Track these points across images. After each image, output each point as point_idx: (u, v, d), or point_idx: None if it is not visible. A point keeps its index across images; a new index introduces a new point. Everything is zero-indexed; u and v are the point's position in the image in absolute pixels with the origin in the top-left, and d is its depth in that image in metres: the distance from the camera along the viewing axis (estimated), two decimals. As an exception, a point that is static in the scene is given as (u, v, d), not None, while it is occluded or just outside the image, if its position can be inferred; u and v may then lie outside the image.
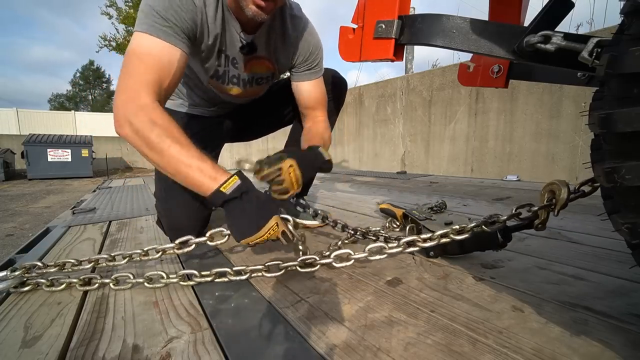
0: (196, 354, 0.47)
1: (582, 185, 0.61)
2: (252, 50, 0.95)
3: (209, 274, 0.70)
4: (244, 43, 0.92)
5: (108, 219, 1.43)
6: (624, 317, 0.51)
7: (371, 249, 0.70)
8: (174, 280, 0.69)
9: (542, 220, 0.63)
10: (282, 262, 0.71)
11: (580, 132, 2.60)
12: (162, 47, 0.74)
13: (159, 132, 0.69)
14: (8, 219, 3.75)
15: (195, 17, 0.80)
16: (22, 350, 0.49)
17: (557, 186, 0.60)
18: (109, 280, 0.69)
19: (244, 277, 0.70)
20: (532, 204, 0.65)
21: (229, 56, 0.96)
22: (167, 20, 0.75)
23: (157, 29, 0.74)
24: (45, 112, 13.92)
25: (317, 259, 0.72)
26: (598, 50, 0.46)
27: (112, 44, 11.31)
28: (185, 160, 0.70)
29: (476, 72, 1.09)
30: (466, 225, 0.67)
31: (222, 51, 0.94)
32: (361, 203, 1.64)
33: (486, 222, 0.66)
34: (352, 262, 0.71)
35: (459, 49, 0.63)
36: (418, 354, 0.45)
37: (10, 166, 8.41)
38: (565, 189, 0.59)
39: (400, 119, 4.17)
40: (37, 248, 1.05)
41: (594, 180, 0.59)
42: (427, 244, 0.69)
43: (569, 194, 0.59)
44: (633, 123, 0.34)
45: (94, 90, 33.69)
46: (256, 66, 1.02)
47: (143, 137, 0.69)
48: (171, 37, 0.75)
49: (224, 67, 0.98)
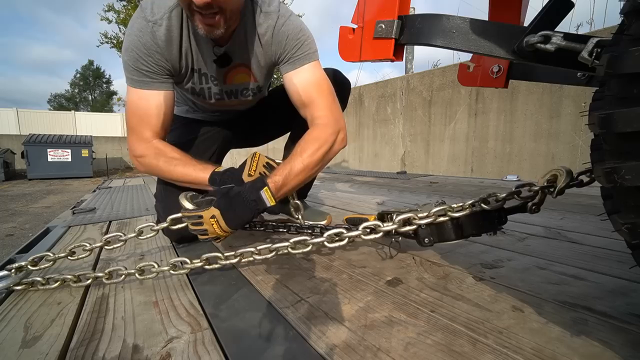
0: (196, 354, 0.47)
1: (580, 174, 0.61)
2: (226, 62, 0.93)
3: (200, 260, 0.72)
4: (216, 56, 0.91)
5: (108, 219, 1.43)
6: (624, 317, 0.51)
7: (366, 227, 0.69)
8: (165, 269, 0.71)
9: (538, 202, 0.64)
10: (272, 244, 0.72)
11: (580, 132, 2.60)
12: (146, 97, 0.87)
13: (165, 159, 0.88)
14: (8, 219, 3.75)
15: (163, 53, 0.85)
16: (22, 350, 0.49)
17: (559, 171, 0.61)
18: (102, 274, 0.70)
19: (234, 260, 0.72)
20: (532, 183, 0.66)
21: (206, 74, 0.95)
22: (140, 71, 0.84)
23: (137, 82, 0.85)
24: (45, 112, 13.92)
25: (309, 239, 0.71)
26: (598, 50, 0.46)
27: (113, 42, 11.29)
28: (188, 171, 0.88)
29: (476, 72, 1.09)
30: (464, 203, 0.67)
31: (195, 70, 0.94)
32: (361, 203, 1.64)
33: (484, 200, 0.66)
34: (346, 241, 0.71)
35: (459, 49, 0.63)
36: (418, 354, 0.45)
37: (10, 166, 8.41)
38: (567, 174, 0.60)
39: (400, 119, 4.17)
40: (37, 248, 1.05)
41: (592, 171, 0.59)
42: (423, 221, 0.68)
43: (571, 179, 0.60)
44: (633, 123, 0.34)
45: (94, 91, 33.70)
46: (236, 76, 0.99)
47: (154, 166, 0.90)
48: (150, 85, 0.86)
49: (200, 85, 0.98)
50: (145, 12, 0.82)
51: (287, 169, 0.80)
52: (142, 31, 0.82)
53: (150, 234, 0.78)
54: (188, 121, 1.19)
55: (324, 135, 0.87)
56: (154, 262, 0.72)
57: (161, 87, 0.88)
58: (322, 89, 0.92)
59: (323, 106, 0.91)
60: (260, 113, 1.25)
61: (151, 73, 0.85)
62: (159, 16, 0.82)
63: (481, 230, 0.70)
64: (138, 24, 0.82)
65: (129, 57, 0.84)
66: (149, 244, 1.02)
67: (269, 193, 0.75)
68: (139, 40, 0.82)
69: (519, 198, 0.67)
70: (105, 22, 10.61)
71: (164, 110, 0.89)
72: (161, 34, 0.83)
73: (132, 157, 0.92)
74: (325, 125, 0.89)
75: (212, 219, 0.71)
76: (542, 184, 0.64)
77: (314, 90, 0.91)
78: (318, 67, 0.94)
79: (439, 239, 0.70)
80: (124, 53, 0.85)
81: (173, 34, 0.85)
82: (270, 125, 1.30)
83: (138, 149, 0.89)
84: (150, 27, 0.82)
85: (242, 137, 1.32)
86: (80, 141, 8.37)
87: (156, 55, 0.84)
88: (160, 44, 0.83)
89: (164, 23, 0.83)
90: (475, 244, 0.91)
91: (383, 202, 1.64)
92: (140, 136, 0.89)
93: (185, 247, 0.98)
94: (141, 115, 0.88)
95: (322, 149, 0.85)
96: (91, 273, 0.71)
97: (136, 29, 0.82)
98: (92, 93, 33.67)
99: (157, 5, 0.83)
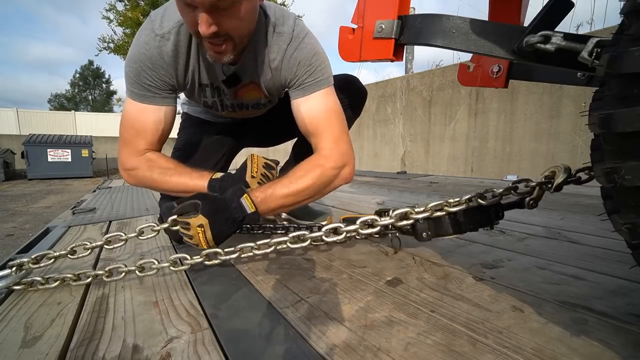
0: (196, 354, 0.47)
1: (579, 171, 0.62)
2: (235, 82, 0.90)
3: (200, 256, 0.73)
4: (225, 76, 0.88)
5: (108, 219, 1.43)
6: (624, 317, 0.51)
7: (363, 221, 0.69)
8: (165, 265, 0.71)
9: (535, 197, 0.64)
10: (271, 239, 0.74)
11: (580, 132, 2.60)
12: (146, 111, 0.84)
13: (159, 170, 0.86)
14: (8, 219, 3.75)
15: (168, 69, 0.82)
16: (22, 350, 0.49)
17: (558, 167, 0.62)
18: (102, 272, 0.70)
19: (234, 255, 0.73)
20: (530, 179, 0.66)
21: (218, 87, 0.93)
22: (143, 84, 0.82)
23: (138, 95, 0.83)
24: (45, 112, 13.91)
25: (307, 233, 0.72)
26: (598, 50, 0.46)
27: (110, 46, 11.28)
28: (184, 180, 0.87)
29: (476, 72, 1.09)
30: (461, 198, 0.67)
31: (207, 85, 0.91)
32: (361, 203, 1.64)
33: (481, 195, 0.67)
34: (344, 235, 0.71)
35: (459, 49, 0.63)
36: (418, 354, 0.45)
37: (10, 166, 8.41)
38: (564, 170, 0.61)
39: (400, 119, 4.17)
40: (37, 248, 1.05)
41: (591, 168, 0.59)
42: (420, 215, 0.68)
43: (568, 176, 0.60)
44: (633, 123, 0.34)
45: (94, 91, 33.70)
46: (246, 94, 0.96)
47: (147, 179, 0.87)
48: (151, 100, 0.84)
49: (213, 98, 0.96)
50: (154, 24, 0.80)
51: (270, 191, 0.79)
52: (149, 44, 0.79)
53: (151, 234, 0.78)
54: (200, 121, 1.18)
55: (323, 168, 0.83)
56: (154, 259, 0.72)
57: (162, 102, 0.85)
58: (331, 119, 0.87)
59: (330, 139, 0.86)
60: (274, 116, 1.21)
61: (154, 88, 0.83)
62: (167, 29, 0.79)
63: (478, 225, 0.70)
64: (145, 36, 0.80)
65: (132, 69, 0.81)
66: (149, 244, 1.02)
67: (249, 200, 0.75)
68: (145, 53, 0.79)
69: (516, 194, 0.67)
70: (106, 21, 10.61)
71: (162, 126, 0.87)
72: (168, 49, 0.80)
73: (122, 170, 0.89)
74: (327, 157, 0.85)
75: (199, 228, 0.71)
76: (540, 180, 0.65)
77: (321, 121, 0.86)
78: (329, 94, 0.88)
79: (437, 233, 0.70)
80: (127, 64, 0.82)
81: (180, 50, 0.82)
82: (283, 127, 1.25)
83: (130, 162, 0.87)
84: (158, 40, 0.79)
85: (254, 138, 1.30)
86: (80, 141, 8.37)
87: (161, 70, 0.81)
88: (166, 59, 0.81)
89: (172, 38, 0.80)
90: (475, 244, 0.91)
91: (383, 202, 1.64)
92: (133, 149, 0.86)
93: (185, 247, 0.98)
94: (138, 129, 0.85)
95: (318, 181, 0.82)
96: (91, 271, 0.71)
97: (143, 41, 0.80)
98: (92, 93, 33.68)
99: (167, 18, 0.80)
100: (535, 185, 0.64)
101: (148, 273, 0.72)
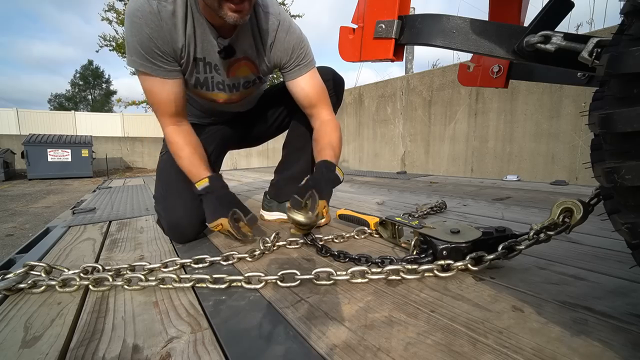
0: (196, 354, 0.47)
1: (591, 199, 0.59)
2: (230, 53, 0.93)
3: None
4: (221, 47, 0.91)
5: (108, 219, 1.43)
6: (624, 317, 0.51)
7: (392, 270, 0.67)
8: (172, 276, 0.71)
9: (548, 237, 0.65)
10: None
11: (580, 132, 2.60)
12: (159, 84, 0.90)
13: (174, 148, 0.99)
14: (8, 219, 3.75)
15: (166, 34, 0.84)
16: (22, 350, 0.49)
17: (574, 204, 0.60)
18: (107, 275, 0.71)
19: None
20: (550, 229, 0.64)
21: (210, 62, 0.96)
22: (148, 54, 0.85)
23: (147, 67, 0.87)
24: (45, 112, 13.90)
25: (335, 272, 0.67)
26: (598, 50, 0.46)
27: (112, 44, 11.25)
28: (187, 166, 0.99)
29: (476, 72, 1.09)
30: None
31: (200, 59, 0.94)
32: (361, 203, 1.64)
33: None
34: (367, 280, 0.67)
35: (459, 49, 0.63)
36: (418, 354, 0.45)
37: (10, 166, 8.42)
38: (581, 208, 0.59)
39: (400, 119, 4.17)
40: (37, 248, 1.05)
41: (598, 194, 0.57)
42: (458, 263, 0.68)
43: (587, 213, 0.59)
44: (633, 123, 0.34)
45: (94, 90, 33.69)
46: (239, 69, 1.01)
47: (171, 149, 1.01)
48: (161, 72, 0.88)
49: (205, 74, 0.98)
50: None
51: (331, 153, 1.00)
52: (149, 2, 0.80)
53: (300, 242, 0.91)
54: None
55: (338, 127, 1.09)
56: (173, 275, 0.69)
57: (173, 74, 0.90)
58: (325, 92, 1.08)
59: (328, 109, 1.09)
60: (256, 114, 1.27)
61: (160, 58, 0.86)
62: None
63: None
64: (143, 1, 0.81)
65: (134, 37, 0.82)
66: (149, 244, 1.02)
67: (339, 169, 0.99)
68: (144, 9, 0.80)
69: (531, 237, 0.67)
70: (106, 22, 10.57)
71: (176, 97, 0.93)
72: (168, 11, 0.82)
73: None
74: (333, 121, 1.09)
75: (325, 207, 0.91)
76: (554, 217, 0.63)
77: (319, 93, 1.06)
78: (317, 73, 1.07)
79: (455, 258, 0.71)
80: (129, 33, 0.83)
81: (178, 17, 0.84)
82: (267, 125, 1.31)
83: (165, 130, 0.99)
84: (155, 5, 0.81)
85: (239, 138, 1.33)
86: (80, 141, 8.37)
87: (160, 31, 0.83)
88: (165, 19, 0.82)
89: (169, 7, 0.82)
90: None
91: (383, 202, 1.64)
92: (161, 122, 0.97)
93: (186, 247, 0.98)
94: (158, 101, 0.93)
95: (338, 135, 1.08)
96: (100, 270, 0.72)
97: (140, 5, 0.80)
98: (92, 93, 33.67)
99: None
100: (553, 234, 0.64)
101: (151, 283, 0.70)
